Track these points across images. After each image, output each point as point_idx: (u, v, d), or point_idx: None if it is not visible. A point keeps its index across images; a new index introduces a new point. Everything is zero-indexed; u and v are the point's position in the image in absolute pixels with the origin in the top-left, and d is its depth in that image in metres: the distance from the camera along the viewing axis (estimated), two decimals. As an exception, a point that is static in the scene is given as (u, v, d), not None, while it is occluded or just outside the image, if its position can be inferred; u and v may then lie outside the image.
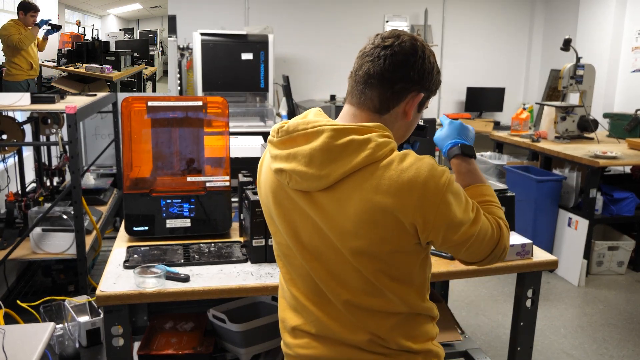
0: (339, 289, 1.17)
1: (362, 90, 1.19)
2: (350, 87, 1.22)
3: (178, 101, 2.15)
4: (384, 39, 1.19)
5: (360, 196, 1.08)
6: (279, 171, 1.16)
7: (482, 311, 3.42)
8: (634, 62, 5.46)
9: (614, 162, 3.60)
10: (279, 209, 1.21)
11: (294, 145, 1.14)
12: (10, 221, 2.95)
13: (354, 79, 1.22)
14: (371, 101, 1.18)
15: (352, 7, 6.45)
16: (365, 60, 1.19)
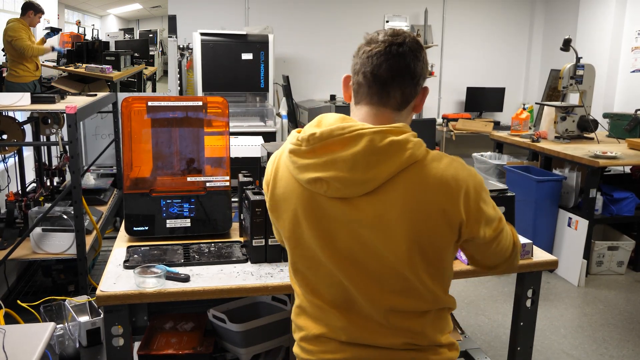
0: (379, 293, 1.17)
1: (383, 88, 1.18)
2: (367, 87, 1.19)
3: (178, 101, 2.15)
4: (392, 37, 1.18)
5: (408, 196, 1.10)
6: (313, 181, 1.13)
7: (482, 311, 3.42)
8: (633, 62, 5.47)
9: (614, 162, 3.60)
10: (310, 219, 1.18)
11: (329, 152, 1.12)
12: (11, 221, 2.95)
13: (369, 78, 1.18)
14: (395, 99, 1.19)
15: (352, 7, 6.45)
16: (383, 59, 1.16)
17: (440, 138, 6.06)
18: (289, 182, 1.20)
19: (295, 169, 1.17)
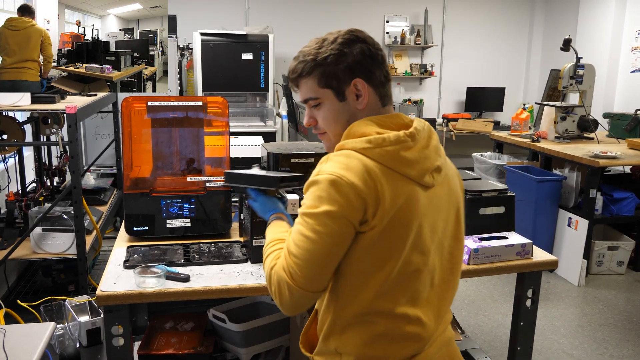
0: (455, 280, 1.28)
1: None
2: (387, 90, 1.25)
3: (178, 101, 2.15)
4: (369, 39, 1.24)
5: (455, 183, 1.27)
6: (433, 170, 1.18)
7: (482, 311, 3.42)
8: (633, 62, 5.47)
9: (614, 162, 3.60)
10: (417, 217, 1.13)
11: (422, 145, 1.17)
12: (11, 221, 2.95)
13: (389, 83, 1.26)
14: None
15: (352, 7, 6.45)
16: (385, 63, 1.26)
17: (441, 138, 6.07)
18: (398, 188, 1.11)
19: (406, 166, 1.12)
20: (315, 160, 2.01)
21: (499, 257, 1.88)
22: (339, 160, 1.12)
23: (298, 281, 1.10)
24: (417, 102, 6.61)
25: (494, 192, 2.07)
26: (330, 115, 1.22)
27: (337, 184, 1.07)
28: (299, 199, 1.82)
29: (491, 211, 2.05)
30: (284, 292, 1.12)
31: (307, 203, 1.11)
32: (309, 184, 1.13)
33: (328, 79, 1.19)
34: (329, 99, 1.20)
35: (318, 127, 1.25)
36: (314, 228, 1.09)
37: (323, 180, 1.09)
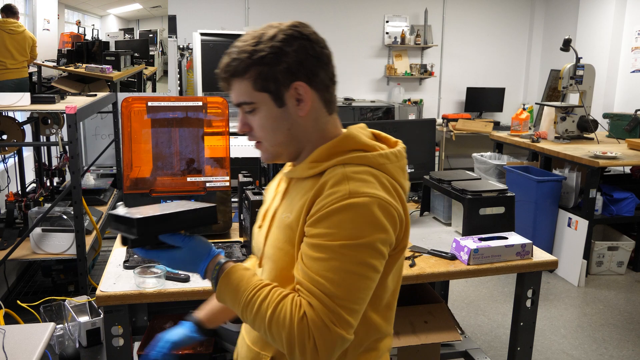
0: None
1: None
2: (333, 95, 1.11)
3: (178, 101, 2.15)
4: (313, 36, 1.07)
5: None
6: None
7: (482, 311, 3.42)
8: (633, 62, 5.47)
9: (613, 162, 3.60)
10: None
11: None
12: (10, 221, 2.95)
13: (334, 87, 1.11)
14: None
15: (352, 7, 6.46)
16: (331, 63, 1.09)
17: (440, 138, 6.06)
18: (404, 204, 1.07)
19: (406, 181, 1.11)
20: (315, 160, 2.00)
21: (499, 257, 1.88)
22: (365, 178, 0.99)
23: (346, 327, 0.95)
24: (417, 102, 6.61)
25: (494, 193, 2.07)
26: (267, 123, 1.05)
27: (382, 207, 0.97)
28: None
29: (491, 211, 2.05)
30: (318, 343, 0.93)
31: (345, 233, 0.95)
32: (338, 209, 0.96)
33: (265, 82, 1.02)
34: (265, 104, 1.04)
35: (253, 134, 1.08)
36: (363, 261, 0.95)
37: (364, 204, 0.96)
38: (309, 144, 1.08)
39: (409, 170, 2.54)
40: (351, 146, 1.06)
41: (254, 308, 0.98)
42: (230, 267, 1.04)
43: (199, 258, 1.05)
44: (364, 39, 6.56)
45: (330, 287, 0.94)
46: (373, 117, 5.69)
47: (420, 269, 1.80)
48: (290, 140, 1.07)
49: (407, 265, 1.83)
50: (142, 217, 1.00)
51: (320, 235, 0.96)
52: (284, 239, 1.06)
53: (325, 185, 1.00)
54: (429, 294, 2.16)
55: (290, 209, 1.07)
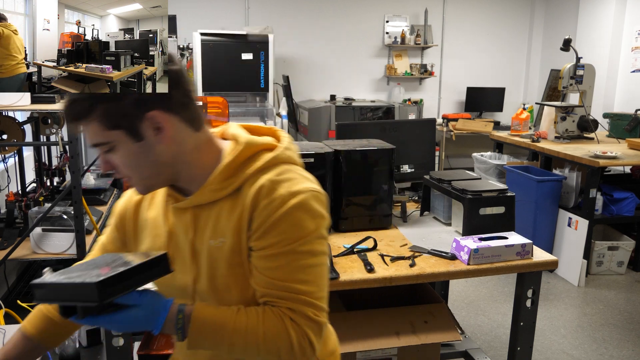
0: None
1: None
2: (194, 110, 1.04)
3: (178, 101, 2.15)
4: None
5: None
6: None
7: (482, 311, 3.42)
8: (634, 62, 5.47)
9: (614, 162, 3.60)
10: None
11: None
12: (11, 221, 2.95)
13: (193, 102, 1.04)
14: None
15: (352, 7, 6.46)
16: (184, 77, 1.04)
17: (440, 138, 6.06)
18: None
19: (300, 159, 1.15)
20: (315, 160, 2.01)
21: (499, 257, 1.88)
22: (289, 176, 1.02)
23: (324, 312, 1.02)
24: (417, 102, 6.61)
25: (494, 192, 2.07)
26: (129, 160, 0.98)
27: (316, 198, 1.02)
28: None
29: (491, 211, 2.05)
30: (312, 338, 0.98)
31: (292, 235, 0.98)
32: (284, 215, 0.97)
33: (114, 119, 0.94)
34: (122, 141, 0.96)
35: (119, 172, 1.01)
36: (318, 251, 1.01)
37: (302, 203, 0.99)
38: (184, 165, 1.03)
39: (409, 170, 2.54)
40: (254, 151, 1.05)
41: (241, 337, 0.97)
42: (196, 311, 0.98)
43: (157, 312, 0.95)
44: (364, 38, 6.56)
45: (302, 287, 0.98)
46: (373, 117, 5.69)
47: (420, 269, 1.80)
48: (159, 170, 1.01)
49: (407, 265, 1.83)
50: (103, 279, 0.86)
51: (272, 245, 0.98)
52: (229, 264, 1.02)
53: (258, 197, 0.99)
54: (429, 294, 2.17)
55: (220, 233, 1.03)
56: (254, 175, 1.02)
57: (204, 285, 1.06)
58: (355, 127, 2.61)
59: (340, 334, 1.81)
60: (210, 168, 1.03)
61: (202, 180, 1.03)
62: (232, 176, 1.02)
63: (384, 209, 2.17)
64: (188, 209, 1.06)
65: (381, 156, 2.12)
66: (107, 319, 0.92)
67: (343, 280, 1.71)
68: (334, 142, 2.22)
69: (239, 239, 1.01)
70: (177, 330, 0.96)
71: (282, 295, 0.98)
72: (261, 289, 1.01)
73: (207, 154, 1.05)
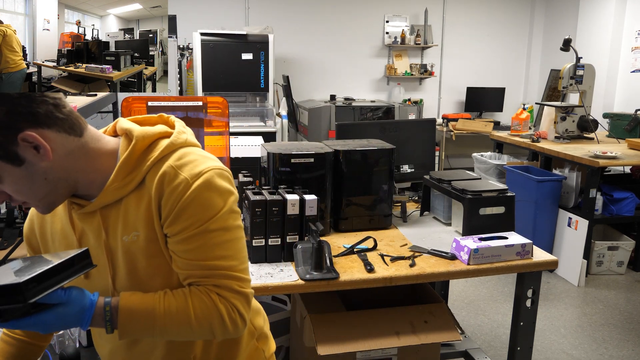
0: None
1: None
2: (69, 116, 1.00)
3: (178, 101, 2.15)
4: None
5: None
6: None
7: (482, 311, 3.42)
8: (634, 62, 5.47)
9: (614, 162, 3.60)
10: None
11: None
12: (10, 221, 2.95)
13: (63, 109, 0.99)
14: None
15: (352, 7, 6.46)
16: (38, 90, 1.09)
17: (440, 138, 6.07)
18: None
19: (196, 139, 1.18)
20: (315, 160, 2.01)
21: (499, 257, 1.88)
22: (188, 159, 1.02)
23: (249, 283, 1.05)
24: (417, 102, 6.61)
25: (494, 192, 2.07)
26: (20, 187, 0.96)
27: (219, 175, 1.03)
28: (298, 199, 1.82)
29: (491, 211, 2.05)
30: (241, 309, 1.02)
31: (207, 213, 0.99)
32: (190, 198, 0.98)
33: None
34: (5, 170, 0.94)
35: (15, 199, 0.99)
36: (232, 226, 1.03)
37: (205, 182, 1.00)
38: (80, 174, 1.01)
39: (409, 170, 2.55)
40: (148, 142, 1.04)
41: (172, 319, 0.99)
42: (122, 300, 0.98)
43: (85, 308, 0.95)
44: (364, 39, 6.56)
45: (223, 263, 1.02)
46: (373, 117, 5.69)
47: (420, 269, 1.80)
48: (54, 186, 0.99)
49: (407, 265, 1.83)
50: (27, 278, 0.83)
51: (185, 228, 1.00)
52: (147, 256, 1.03)
53: (162, 185, 0.99)
54: (429, 293, 2.17)
55: (132, 228, 1.03)
56: (155, 164, 1.02)
57: (124, 282, 1.06)
58: (355, 127, 2.61)
59: (340, 334, 1.81)
60: (108, 169, 1.03)
61: (103, 182, 1.03)
62: (132, 171, 1.02)
63: (384, 209, 2.17)
64: (95, 212, 1.05)
65: (381, 156, 2.12)
66: (33, 320, 0.90)
67: (343, 280, 1.71)
68: (334, 142, 2.22)
69: (153, 229, 1.02)
70: (105, 323, 0.96)
71: (204, 274, 1.01)
72: (184, 272, 1.03)
73: (100, 156, 1.03)
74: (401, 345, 1.86)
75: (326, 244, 1.76)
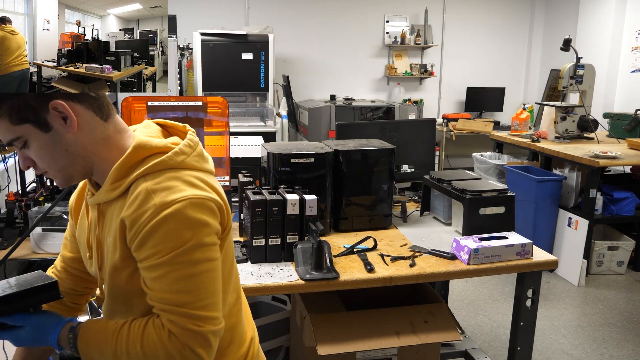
0: None
1: None
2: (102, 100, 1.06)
3: (178, 101, 2.15)
4: None
5: None
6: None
7: (482, 311, 3.42)
8: (634, 62, 5.47)
9: (614, 162, 3.59)
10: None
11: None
12: (11, 221, 2.95)
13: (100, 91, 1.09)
14: None
15: (352, 7, 6.46)
16: None
17: (440, 138, 6.06)
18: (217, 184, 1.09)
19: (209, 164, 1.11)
20: (315, 160, 2.01)
21: (499, 257, 1.88)
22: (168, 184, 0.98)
23: (212, 320, 0.99)
24: (417, 102, 6.61)
25: (494, 192, 2.07)
26: (42, 153, 1.01)
27: (196, 205, 0.97)
28: (298, 199, 1.81)
29: (491, 211, 2.05)
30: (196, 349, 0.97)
31: (171, 245, 0.95)
32: (153, 227, 0.95)
33: (20, 113, 0.97)
34: (32, 134, 0.99)
35: (37, 167, 1.04)
36: (198, 260, 0.97)
37: (176, 211, 0.95)
38: (96, 157, 1.04)
39: (409, 170, 2.54)
40: (144, 154, 1.02)
41: (124, 352, 0.99)
42: (82, 327, 1.03)
43: (47, 332, 1.03)
44: (364, 38, 6.56)
45: (180, 298, 0.96)
46: (373, 116, 5.69)
47: (420, 269, 1.80)
48: (73, 160, 1.03)
49: (407, 265, 1.83)
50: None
51: (148, 256, 0.96)
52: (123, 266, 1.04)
53: (132, 206, 0.97)
54: (429, 293, 2.16)
55: (109, 232, 1.05)
56: (137, 180, 1.00)
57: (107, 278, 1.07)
58: (355, 127, 2.61)
59: (340, 334, 1.81)
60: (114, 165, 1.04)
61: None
62: (121, 178, 1.02)
63: (384, 209, 2.17)
64: (95, 205, 1.08)
65: (381, 156, 2.12)
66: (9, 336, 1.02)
67: (343, 280, 1.71)
68: (334, 142, 2.22)
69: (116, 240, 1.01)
70: (70, 348, 1.03)
71: (162, 307, 0.98)
72: (149, 302, 1.01)
73: (115, 148, 1.05)
74: (401, 345, 1.85)
75: (326, 244, 1.76)
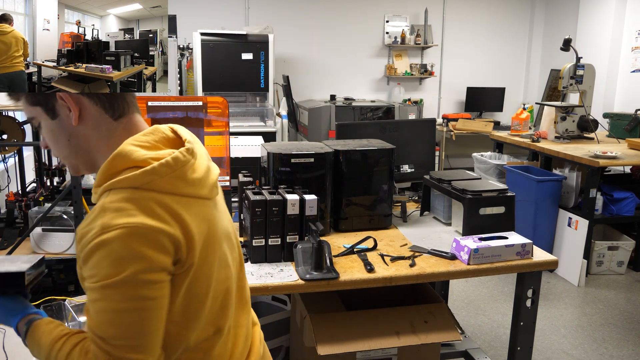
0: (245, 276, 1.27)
1: None
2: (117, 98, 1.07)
3: (178, 101, 2.15)
4: None
5: None
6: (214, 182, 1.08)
7: (482, 311, 3.42)
8: (634, 62, 5.47)
9: (614, 162, 3.59)
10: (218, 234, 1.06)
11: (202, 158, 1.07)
12: (11, 221, 2.95)
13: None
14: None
15: (352, 7, 6.46)
16: None
17: (440, 138, 6.07)
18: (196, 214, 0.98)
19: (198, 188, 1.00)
20: (315, 160, 2.01)
21: (499, 257, 1.88)
22: (121, 206, 0.89)
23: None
24: (417, 102, 6.61)
25: (494, 192, 2.07)
26: (48, 136, 1.05)
27: (139, 235, 0.87)
28: (298, 199, 1.82)
29: (491, 211, 2.05)
30: None
31: (103, 272, 0.87)
32: (92, 249, 0.88)
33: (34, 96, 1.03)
34: (42, 117, 1.02)
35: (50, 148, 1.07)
36: (129, 296, 0.88)
37: (116, 238, 0.86)
38: (98, 154, 1.02)
39: (409, 170, 2.54)
40: (122, 166, 0.94)
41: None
42: (34, 325, 1.05)
43: (10, 316, 1.08)
44: (364, 38, 6.56)
45: (105, 331, 0.89)
46: (373, 116, 5.69)
47: (420, 269, 1.80)
48: (75, 152, 1.03)
49: (407, 265, 1.83)
50: None
51: (87, 277, 0.91)
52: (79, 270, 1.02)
53: (88, 218, 0.92)
54: (429, 293, 2.17)
55: None
56: (103, 192, 0.94)
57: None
58: (355, 127, 2.61)
59: (340, 334, 1.81)
60: None
61: None
62: (98, 185, 0.97)
63: (384, 209, 2.17)
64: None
65: (381, 156, 2.12)
66: None
67: (343, 280, 1.71)
68: (334, 142, 2.22)
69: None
70: (22, 339, 1.06)
71: (90, 334, 0.92)
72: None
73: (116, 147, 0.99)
74: (401, 345, 1.86)
75: (326, 244, 1.76)
